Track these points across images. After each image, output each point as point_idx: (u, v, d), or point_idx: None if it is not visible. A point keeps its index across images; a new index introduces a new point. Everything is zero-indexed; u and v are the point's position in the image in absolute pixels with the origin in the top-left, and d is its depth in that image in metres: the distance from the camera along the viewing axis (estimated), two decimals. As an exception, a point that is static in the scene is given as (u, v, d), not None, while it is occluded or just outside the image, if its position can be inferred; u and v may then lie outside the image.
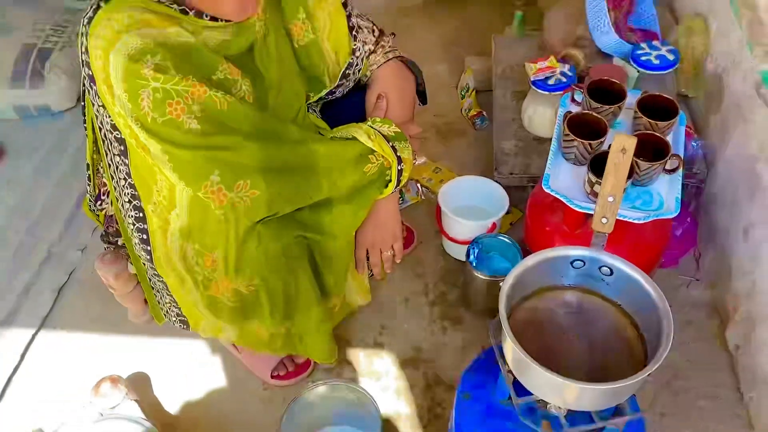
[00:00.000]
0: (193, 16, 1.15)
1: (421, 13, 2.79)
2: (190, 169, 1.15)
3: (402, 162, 1.34)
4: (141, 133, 1.13)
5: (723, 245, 1.64)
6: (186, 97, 1.11)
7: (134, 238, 1.35)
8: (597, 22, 1.83)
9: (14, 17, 2.39)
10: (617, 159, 1.11)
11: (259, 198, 1.18)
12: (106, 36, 1.08)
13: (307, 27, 1.35)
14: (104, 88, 1.12)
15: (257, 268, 1.25)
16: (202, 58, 1.16)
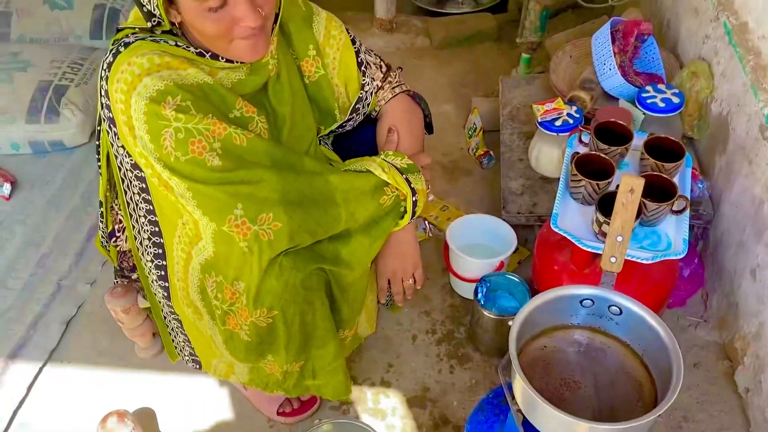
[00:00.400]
0: (209, 58, 1.19)
1: (429, 55, 2.85)
2: (214, 205, 1.17)
3: (416, 193, 1.37)
4: (164, 172, 1.15)
5: (731, 286, 1.64)
6: (207, 135, 1.14)
7: (152, 275, 1.36)
8: (603, 66, 1.86)
9: (32, 54, 2.45)
10: (625, 199, 1.13)
11: (282, 230, 1.20)
12: (126, 80, 1.11)
13: (317, 63, 1.39)
14: (125, 129, 1.15)
15: (276, 300, 1.26)
16: (219, 97, 1.20)
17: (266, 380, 1.41)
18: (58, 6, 2.67)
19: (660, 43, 2.03)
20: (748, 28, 1.59)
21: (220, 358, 1.46)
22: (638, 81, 1.91)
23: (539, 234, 1.65)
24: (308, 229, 1.24)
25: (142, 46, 1.15)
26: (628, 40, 1.93)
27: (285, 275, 1.26)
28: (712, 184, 1.76)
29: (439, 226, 2.05)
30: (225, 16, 1.11)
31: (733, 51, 1.63)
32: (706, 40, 1.84)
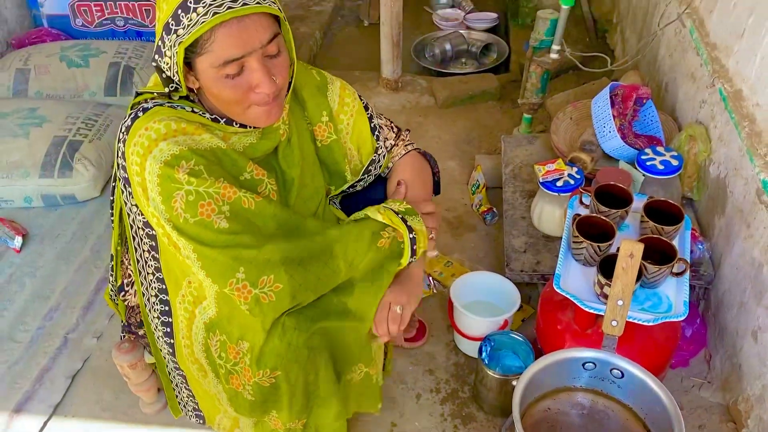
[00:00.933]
0: (224, 123, 1.24)
1: (434, 113, 2.93)
2: (217, 267, 1.20)
3: (413, 231, 1.37)
4: (173, 233, 1.19)
5: (733, 347, 1.65)
6: (216, 198, 1.18)
7: (158, 331, 1.38)
8: (603, 128, 1.92)
9: (48, 110, 2.52)
10: (625, 263, 1.16)
11: (283, 290, 1.23)
12: (143, 144, 1.16)
13: (330, 129, 1.44)
14: (139, 190, 1.19)
15: (279, 360, 1.28)
16: (231, 161, 1.24)
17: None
18: (74, 64, 2.77)
19: (658, 106, 2.09)
20: (742, 95, 1.64)
21: (225, 413, 1.46)
22: (638, 143, 1.96)
23: (542, 293, 1.67)
24: (309, 286, 1.26)
25: (160, 111, 1.20)
26: (627, 103, 1.98)
27: (288, 335, 1.28)
28: (712, 245, 1.79)
29: (444, 282, 2.07)
30: (242, 83, 1.16)
31: (729, 116, 1.68)
32: (702, 104, 1.90)
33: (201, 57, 1.13)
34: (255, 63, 1.15)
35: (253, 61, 1.15)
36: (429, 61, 3.38)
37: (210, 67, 1.14)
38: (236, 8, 1.09)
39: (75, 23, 3.16)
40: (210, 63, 1.13)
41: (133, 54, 2.85)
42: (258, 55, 1.15)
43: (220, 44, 1.11)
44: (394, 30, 2.86)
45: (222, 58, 1.12)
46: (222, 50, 1.11)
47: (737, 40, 1.69)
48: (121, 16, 3.13)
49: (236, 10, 1.09)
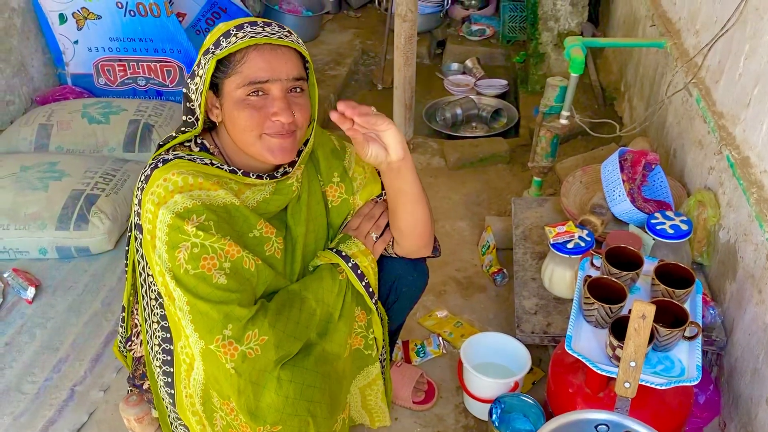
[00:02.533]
0: (241, 174, 1.27)
1: (444, 175, 2.97)
2: (206, 322, 1.22)
3: (352, 257, 1.43)
4: (171, 283, 1.21)
5: (748, 415, 1.63)
6: (220, 254, 1.21)
7: (159, 381, 1.39)
8: (612, 192, 1.94)
9: (68, 164, 2.58)
10: (637, 325, 1.16)
11: (268, 342, 1.25)
12: (160, 194, 1.20)
13: (341, 189, 1.49)
14: (148, 237, 1.23)
15: (278, 415, 1.28)
16: (243, 217, 1.29)
17: None
18: (95, 120, 2.85)
19: (667, 172, 2.12)
20: (750, 162, 1.67)
21: None
22: (647, 207, 1.98)
23: (554, 355, 1.66)
24: (290, 332, 1.30)
25: (180, 164, 1.25)
26: (636, 168, 2.02)
27: (284, 389, 1.29)
28: (723, 311, 1.78)
29: (453, 342, 2.06)
30: (261, 107, 1.23)
31: (737, 183, 1.70)
32: (711, 171, 1.93)
33: (230, 78, 1.21)
34: (277, 91, 1.22)
35: (276, 89, 1.22)
36: (440, 125, 3.46)
37: (235, 89, 1.21)
38: (272, 38, 1.20)
39: (98, 82, 3.27)
40: (236, 84, 1.21)
41: (153, 112, 2.94)
42: (282, 85, 1.22)
43: (250, 65, 1.20)
44: (406, 94, 2.94)
45: (249, 78, 1.20)
46: (250, 71, 1.20)
47: (743, 109, 1.73)
48: (143, 76, 3.24)
49: (271, 38, 1.20)
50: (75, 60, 3.25)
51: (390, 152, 1.31)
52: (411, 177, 1.38)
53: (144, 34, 3.13)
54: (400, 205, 1.44)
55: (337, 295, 1.41)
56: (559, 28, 3.39)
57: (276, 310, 1.30)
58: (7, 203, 2.40)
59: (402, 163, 1.34)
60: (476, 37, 4.23)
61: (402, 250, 1.53)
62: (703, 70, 2.02)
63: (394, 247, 1.53)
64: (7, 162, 2.59)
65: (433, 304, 2.23)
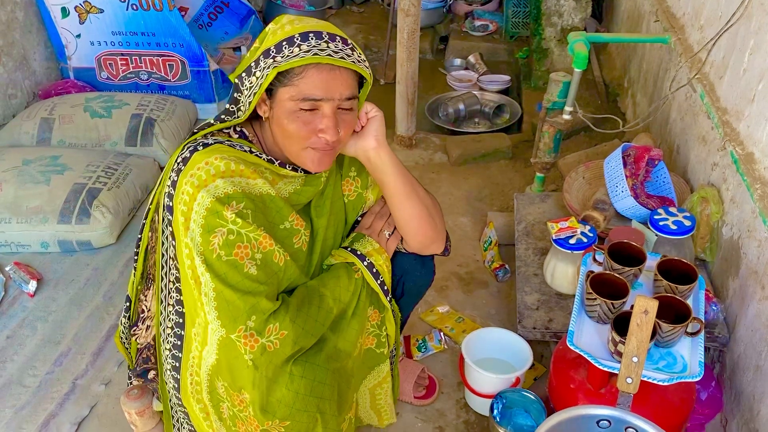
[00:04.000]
0: (278, 165, 1.29)
1: (447, 171, 2.97)
2: (231, 311, 1.22)
3: (366, 256, 1.44)
4: (200, 267, 1.21)
5: (750, 411, 1.62)
6: (254, 244, 1.22)
7: (167, 364, 1.39)
8: (615, 187, 1.94)
9: (70, 158, 2.58)
10: (640, 320, 1.15)
11: (287, 337, 1.26)
12: (200, 177, 1.21)
13: (357, 183, 1.50)
14: (181, 219, 1.23)
15: (288, 410, 1.28)
16: (277, 209, 1.31)
17: None
18: (97, 114, 2.85)
19: (670, 168, 2.12)
20: (754, 158, 1.67)
21: None
22: (650, 203, 1.97)
23: (555, 351, 1.65)
24: (309, 329, 1.31)
25: (221, 149, 1.26)
26: (639, 164, 2.01)
27: (295, 384, 1.29)
28: (726, 307, 1.77)
29: (455, 338, 2.06)
30: (310, 122, 1.24)
31: (741, 179, 1.70)
32: (714, 167, 1.92)
33: (285, 87, 1.22)
34: (329, 110, 1.24)
35: (327, 108, 1.23)
36: (443, 120, 3.45)
37: (289, 100, 1.22)
38: (335, 57, 1.20)
39: (100, 76, 3.27)
40: (291, 95, 1.22)
41: (155, 106, 2.93)
42: (334, 105, 1.24)
43: (307, 82, 1.21)
44: (409, 89, 2.93)
45: (304, 93, 1.21)
46: (307, 87, 1.21)
47: (748, 105, 1.72)
48: (145, 70, 3.24)
49: (334, 59, 1.20)
50: (77, 54, 3.25)
51: (364, 140, 1.34)
52: (390, 170, 1.39)
53: (146, 28, 3.13)
54: (388, 200, 1.45)
55: (353, 293, 1.42)
56: (562, 23, 3.37)
57: (296, 305, 1.31)
58: (9, 197, 2.40)
59: (376, 152, 1.36)
60: (479, 32, 4.22)
61: (409, 247, 1.53)
62: (707, 66, 2.01)
63: (403, 242, 1.54)
64: (10, 155, 2.59)
65: (434, 300, 2.22)
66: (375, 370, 1.57)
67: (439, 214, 1.53)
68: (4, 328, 2.13)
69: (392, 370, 1.63)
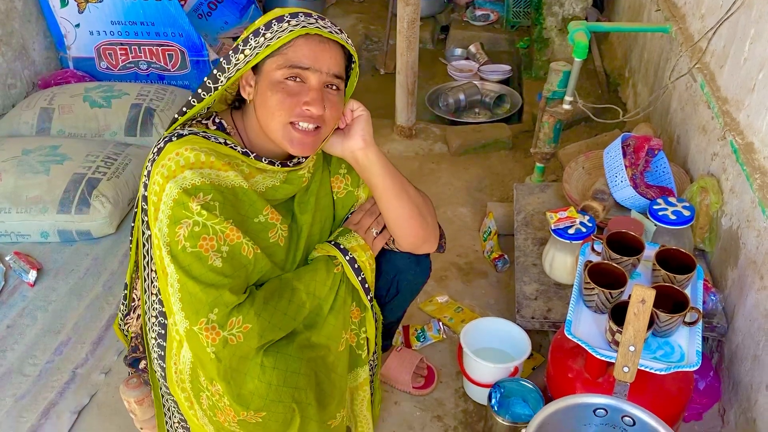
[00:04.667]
0: (253, 158, 1.27)
1: (446, 161, 2.96)
2: (194, 304, 1.21)
3: (350, 251, 1.42)
4: (166, 258, 1.21)
5: (748, 401, 1.62)
6: (220, 237, 1.21)
7: (153, 353, 1.40)
8: (615, 177, 1.93)
9: (69, 148, 2.58)
10: (637, 309, 1.15)
11: (252, 330, 1.24)
12: (170, 167, 1.20)
13: (347, 181, 1.48)
14: (152, 209, 1.23)
15: (262, 401, 1.27)
16: (250, 202, 1.28)
17: None
18: (97, 104, 2.85)
19: (670, 158, 2.11)
20: (754, 148, 1.66)
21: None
22: (649, 193, 1.97)
23: (554, 340, 1.66)
24: (276, 323, 1.28)
25: (193, 140, 1.25)
26: (639, 154, 2.01)
27: (267, 375, 1.28)
28: (725, 297, 1.77)
29: (453, 327, 2.06)
30: (296, 94, 1.23)
31: (740, 169, 1.69)
32: (714, 157, 1.91)
33: (271, 58, 1.22)
34: (315, 82, 1.23)
35: (314, 79, 1.23)
36: (443, 110, 3.45)
37: (276, 69, 1.22)
38: (323, 30, 1.22)
39: (100, 66, 3.26)
40: (278, 64, 1.22)
41: (155, 96, 2.93)
42: (320, 77, 1.23)
43: (296, 50, 1.21)
44: (409, 79, 2.92)
45: (291, 61, 1.21)
46: (294, 55, 1.21)
47: (748, 94, 1.72)
48: (145, 60, 3.23)
49: (322, 31, 1.21)
50: (76, 44, 3.24)
51: (351, 140, 1.33)
52: (378, 170, 1.37)
53: (146, 18, 3.12)
54: (377, 200, 1.42)
55: (330, 288, 1.39)
56: (563, 13, 3.36)
57: (264, 298, 1.28)
58: (8, 187, 2.40)
59: (363, 153, 1.34)
60: (480, 22, 4.20)
61: (400, 246, 1.51)
62: (707, 55, 2.00)
63: (395, 242, 1.52)
64: (9, 145, 2.59)
65: (433, 290, 2.22)
66: (353, 372, 1.52)
67: (431, 212, 1.50)
68: (4, 317, 2.13)
69: (372, 382, 1.58)
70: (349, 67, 1.33)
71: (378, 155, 1.37)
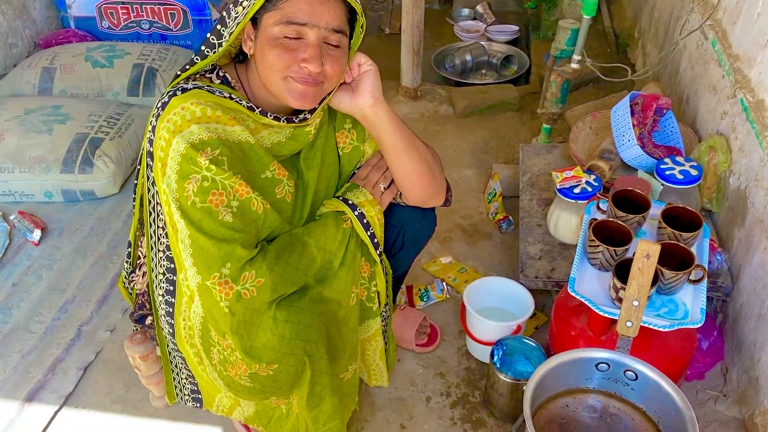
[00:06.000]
0: (258, 113, 1.25)
1: (452, 123, 2.93)
2: (205, 259, 1.21)
3: (358, 206, 1.41)
4: (176, 213, 1.20)
5: (751, 360, 1.62)
6: (229, 192, 1.20)
7: (161, 310, 1.40)
8: (622, 137, 1.91)
9: (72, 108, 2.56)
10: (642, 264, 1.14)
11: (264, 285, 1.24)
12: (176, 122, 1.18)
13: (352, 136, 1.46)
14: (159, 165, 1.21)
15: (275, 354, 1.28)
16: (257, 157, 1.27)
17: (270, 415, 1.42)
18: (99, 64, 2.82)
19: (679, 118, 2.08)
20: (764, 105, 1.63)
21: (226, 394, 1.46)
22: (657, 153, 1.94)
23: (557, 299, 1.65)
24: (289, 277, 1.28)
25: (199, 94, 1.23)
26: (647, 113, 1.97)
27: (280, 329, 1.28)
28: (730, 257, 1.76)
29: (457, 288, 2.06)
30: (294, 50, 1.20)
31: (750, 127, 1.66)
32: (724, 116, 1.88)
33: (269, 13, 1.19)
34: (313, 38, 1.20)
35: (312, 35, 1.20)
36: (449, 72, 3.40)
37: (273, 25, 1.19)
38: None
39: (101, 25, 3.22)
40: (275, 20, 1.19)
41: (157, 56, 2.89)
42: (319, 33, 1.20)
43: (292, 4, 1.18)
44: (414, 39, 2.87)
45: (288, 17, 1.18)
46: (291, 11, 1.18)
47: (760, 51, 1.68)
48: (147, 19, 3.19)
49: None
50: (77, 3, 3.19)
51: (360, 96, 1.30)
52: (388, 127, 1.35)
53: (147, -24, 3.07)
54: (386, 156, 1.41)
55: (340, 243, 1.39)
56: (573, -29, 3.29)
57: (276, 253, 1.28)
58: (11, 146, 2.39)
59: (372, 110, 1.32)
60: (488, -18, 4.11)
61: (408, 201, 1.50)
62: (719, 12, 1.96)
63: (402, 197, 1.51)
64: (11, 105, 2.57)
65: (437, 251, 2.22)
66: (364, 324, 1.54)
67: (439, 167, 1.49)
68: (9, 275, 2.15)
69: (385, 332, 1.59)
70: (353, 20, 1.30)
71: (387, 112, 1.35)
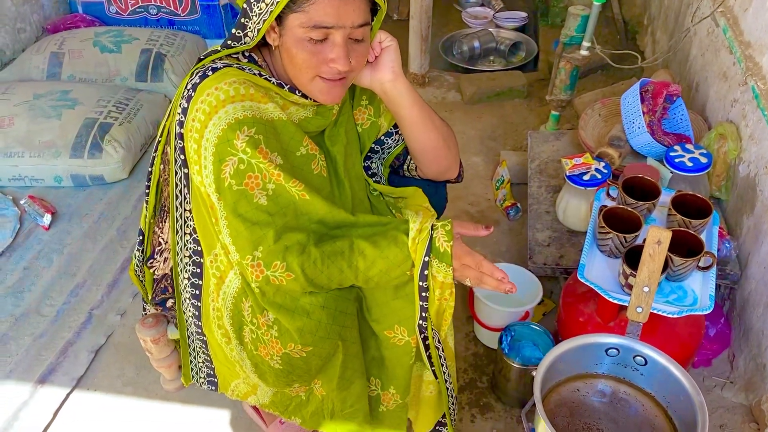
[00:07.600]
0: (287, 90, 1.26)
1: (460, 109, 2.93)
2: (240, 240, 1.22)
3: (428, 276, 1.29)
4: (214, 195, 1.21)
5: (758, 347, 1.63)
6: (265, 174, 1.21)
7: (186, 293, 1.40)
8: (632, 124, 1.90)
9: (80, 92, 2.56)
10: (652, 250, 1.15)
11: (294, 281, 1.24)
12: (211, 103, 1.19)
13: (369, 111, 1.47)
14: (194, 146, 1.22)
15: (310, 337, 1.29)
16: (289, 134, 1.28)
17: (288, 403, 1.43)
18: (107, 49, 2.82)
19: (689, 105, 2.07)
20: (776, 92, 1.63)
21: (244, 380, 1.47)
22: (666, 140, 1.94)
23: (566, 285, 1.66)
24: (319, 284, 1.26)
25: (230, 73, 1.23)
26: (657, 100, 1.97)
27: (316, 314, 1.29)
28: (739, 245, 1.76)
29: (465, 274, 2.07)
30: (320, 52, 1.21)
31: (761, 114, 1.66)
32: (734, 103, 1.88)
33: (295, 14, 1.18)
34: (339, 38, 1.20)
35: (338, 36, 1.20)
36: (457, 58, 3.39)
37: (299, 27, 1.19)
38: None
39: (109, 10, 3.22)
40: (300, 22, 1.18)
41: (165, 41, 2.89)
42: (345, 33, 1.20)
43: (317, 8, 1.17)
44: (423, 24, 2.86)
45: (314, 20, 1.17)
46: (317, 14, 1.17)
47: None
48: (155, 4, 3.18)
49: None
50: (85, -13, 3.19)
51: (380, 71, 1.30)
52: (408, 102, 1.35)
53: (155, -39, 3.07)
54: (404, 130, 1.42)
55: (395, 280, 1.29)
56: (582, -43, 3.26)
57: (316, 258, 1.23)
58: (21, 131, 2.40)
59: (392, 85, 1.32)
60: (496, -32, 4.09)
61: (424, 175, 1.52)
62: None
63: (417, 170, 1.52)
64: (20, 89, 2.58)
65: (445, 237, 2.22)
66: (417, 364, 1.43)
67: (454, 141, 1.51)
68: (20, 259, 2.16)
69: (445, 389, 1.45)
70: (375, 5, 1.29)
71: (407, 86, 1.35)
